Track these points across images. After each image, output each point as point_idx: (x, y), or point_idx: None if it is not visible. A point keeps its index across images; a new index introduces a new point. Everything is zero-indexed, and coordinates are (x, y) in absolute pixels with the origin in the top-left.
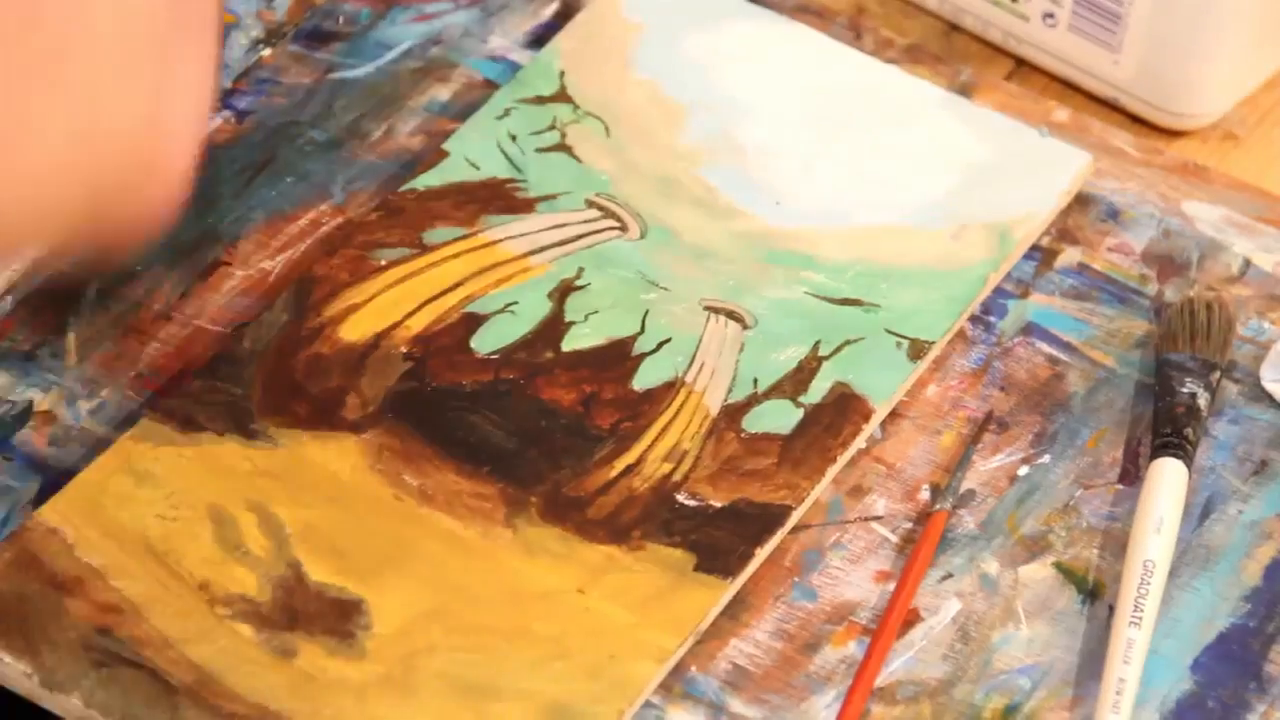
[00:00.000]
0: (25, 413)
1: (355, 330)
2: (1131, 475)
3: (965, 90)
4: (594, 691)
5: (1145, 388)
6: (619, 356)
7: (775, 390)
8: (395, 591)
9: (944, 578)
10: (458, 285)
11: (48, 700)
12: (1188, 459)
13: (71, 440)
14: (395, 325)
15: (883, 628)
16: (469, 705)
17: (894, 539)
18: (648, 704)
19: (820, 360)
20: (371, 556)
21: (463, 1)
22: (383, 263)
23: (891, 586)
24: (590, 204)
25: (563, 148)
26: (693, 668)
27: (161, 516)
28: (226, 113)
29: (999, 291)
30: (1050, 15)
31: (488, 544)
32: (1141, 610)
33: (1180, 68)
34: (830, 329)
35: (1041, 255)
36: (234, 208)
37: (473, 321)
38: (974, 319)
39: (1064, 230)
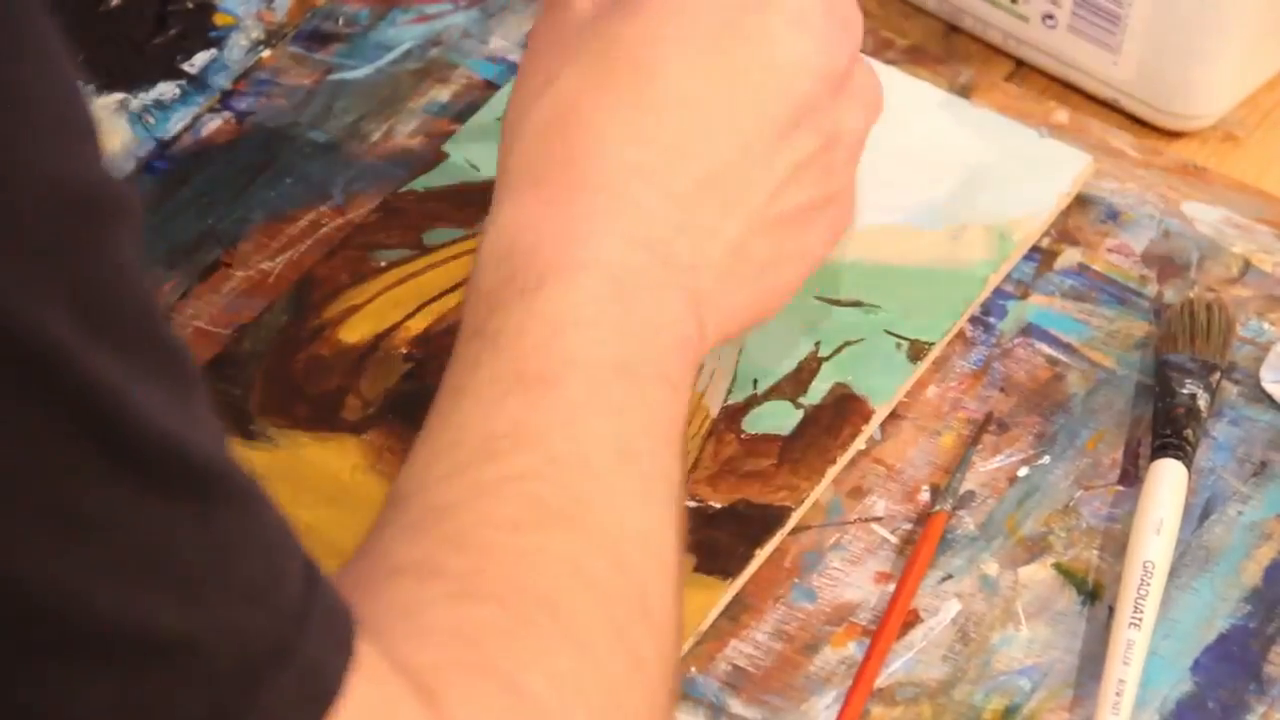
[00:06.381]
0: None
1: (355, 331)
2: (1131, 476)
3: (965, 91)
4: None
5: (1145, 389)
6: None
7: (775, 391)
8: None
9: (944, 579)
10: (457, 286)
11: None
12: (1187, 460)
13: None
14: (395, 326)
15: (882, 629)
16: None
17: (894, 540)
18: None
19: (820, 361)
20: None
21: (462, 3)
22: (383, 264)
23: (891, 587)
24: None
25: None
26: (693, 669)
27: None
28: (226, 114)
29: (999, 292)
30: (1050, 16)
31: None
32: (1141, 611)
33: (1180, 68)
34: (830, 330)
35: (1041, 256)
36: (234, 209)
37: None
38: (974, 320)
39: (1064, 231)
